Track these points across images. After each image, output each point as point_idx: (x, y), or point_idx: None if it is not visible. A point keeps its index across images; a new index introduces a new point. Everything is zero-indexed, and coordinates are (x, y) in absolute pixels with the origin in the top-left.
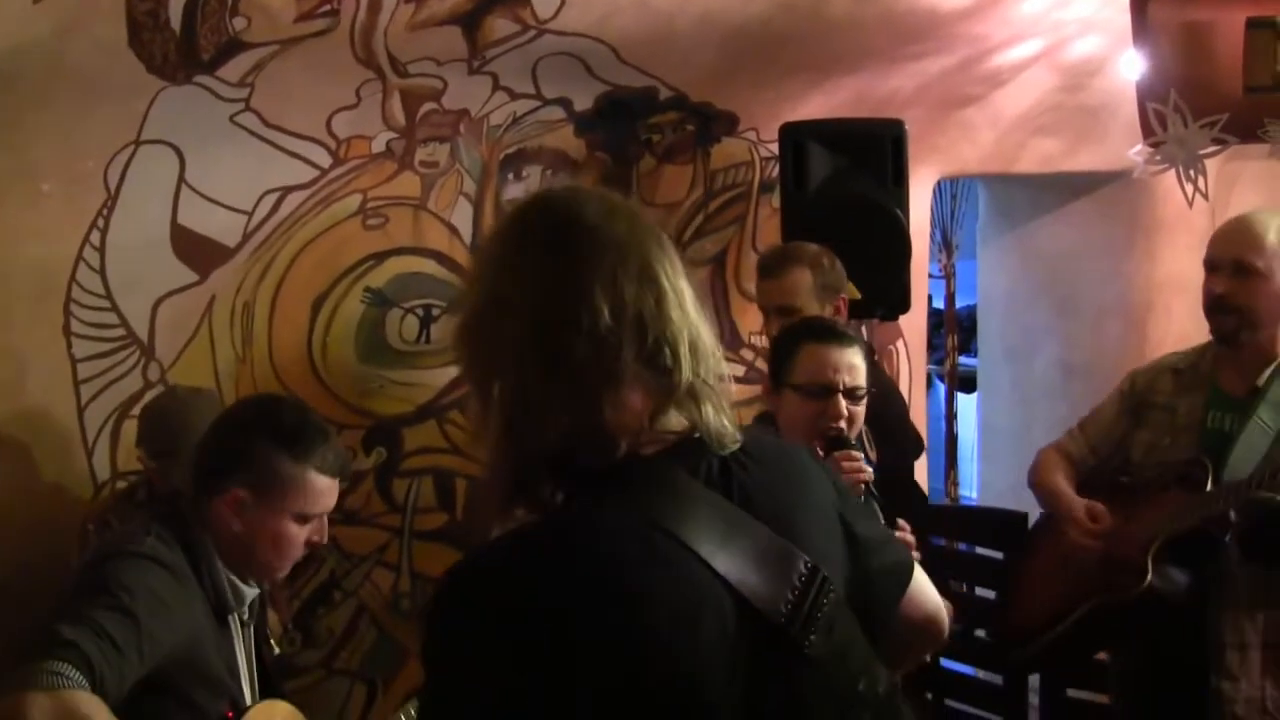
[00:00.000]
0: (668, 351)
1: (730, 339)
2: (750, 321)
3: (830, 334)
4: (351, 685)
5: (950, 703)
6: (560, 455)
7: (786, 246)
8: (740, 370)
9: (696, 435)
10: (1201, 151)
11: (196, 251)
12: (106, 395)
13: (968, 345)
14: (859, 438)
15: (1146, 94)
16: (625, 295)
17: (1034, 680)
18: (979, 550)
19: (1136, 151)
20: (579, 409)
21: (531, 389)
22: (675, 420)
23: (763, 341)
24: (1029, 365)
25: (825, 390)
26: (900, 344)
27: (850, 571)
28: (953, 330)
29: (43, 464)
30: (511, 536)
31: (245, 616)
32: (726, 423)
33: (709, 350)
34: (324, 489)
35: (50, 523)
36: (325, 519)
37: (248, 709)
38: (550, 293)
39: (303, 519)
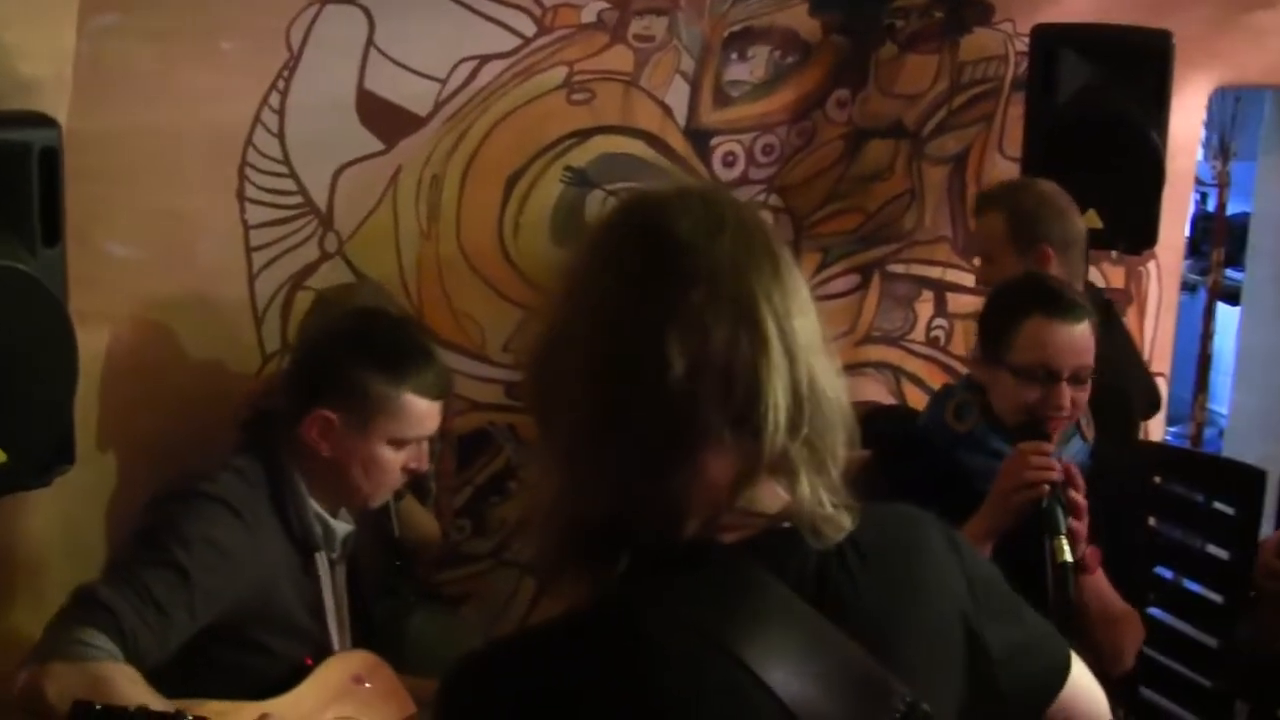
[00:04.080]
0: (760, 410)
1: (965, 247)
2: None
3: (1059, 306)
4: (520, 578)
5: (1147, 692)
6: (619, 525)
7: (997, 184)
8: (970, 280)
9: (791, 522)
10: None
11: (384, 119)
12: (280, 264)
13: (1236, 257)
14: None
15: None
16: (712, 341)
17: None
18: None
19: None
20: (638, 475)
21: (586, 444)
22: (770, 498)
23: None
24: None
25: (1049, 376)
26: (1152, 265)
27: (971, 694)
28: (1220, 242)
29: (210, 331)
30: (539, 633)
31: (335, 555)
32: (830, 503)
33: (827, 403)
34: (421, 412)
35: (213, 391)
36: (425, 445)
37: (331, 655)
38: (613, 333)
39: (398, 444)
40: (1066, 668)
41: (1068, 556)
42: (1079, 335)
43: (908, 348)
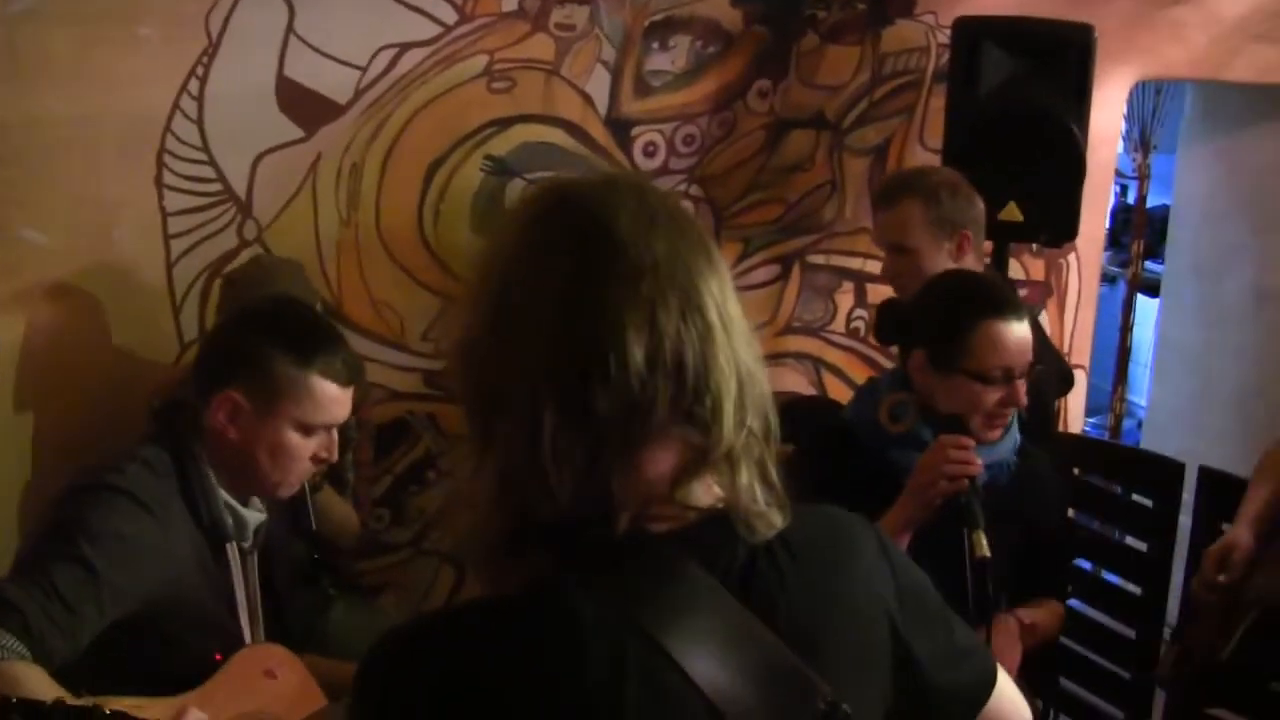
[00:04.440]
0: (709, 402)
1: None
2: None
3: (1007, 307)
4: (439, 566)
5: (1067, 684)
6: (557, 519)
7: (901, 173)
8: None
9: (724, 515)
10: None
11: (303, 106)
12: (198, 252)
13: (1156, 249)
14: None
15: None
16: (664, 334)
17: None
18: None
19: None
20: (590, 470)
21: (539, 440)
22: (704, 491)
23: None
24: (1219, 282)
25: (1006, 376)
26: (1072, 257)
27: (896, 700)
28: (1140, 234)
29: (128, 319)
30: (465, 613)
31: (246, 545)
32: (764, 499)
33: (759, 394)
34: (329, 397)
35: (130, 379)
36: (335, 434)
37: (242, 648)
38: (573, 329)
39: (305, 429)
40: (992, 681)
41: (986, 551)
42: (1025, 332)
43: (828, 338)
